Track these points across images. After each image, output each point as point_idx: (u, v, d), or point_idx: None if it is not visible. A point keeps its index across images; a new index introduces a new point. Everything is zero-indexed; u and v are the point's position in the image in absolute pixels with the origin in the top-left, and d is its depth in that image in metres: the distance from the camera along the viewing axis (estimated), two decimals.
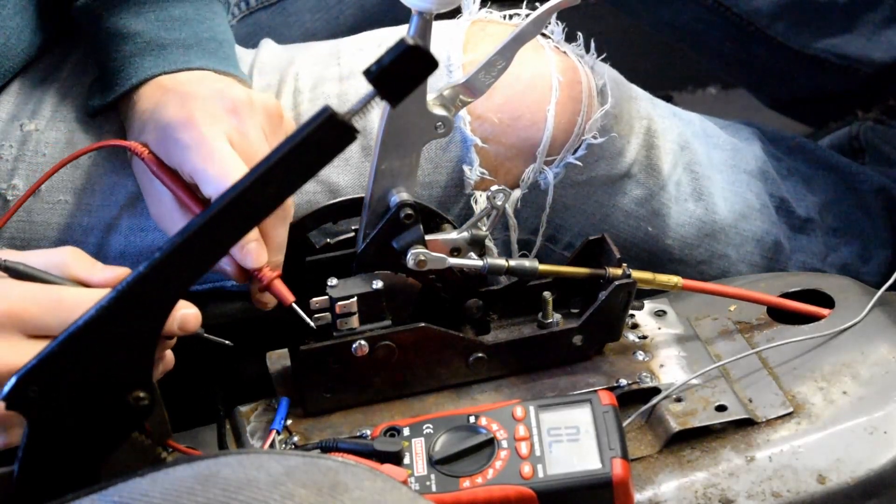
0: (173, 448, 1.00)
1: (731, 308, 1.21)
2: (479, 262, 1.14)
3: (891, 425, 1.09)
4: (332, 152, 0.88)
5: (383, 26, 1.36)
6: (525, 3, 1.30)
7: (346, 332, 1.13)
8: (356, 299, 1.13)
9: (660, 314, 1.21)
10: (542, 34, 1.31)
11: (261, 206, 0.89)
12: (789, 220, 1.47)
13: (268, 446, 1.10)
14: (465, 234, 1.16)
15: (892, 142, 1.67)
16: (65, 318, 0.94)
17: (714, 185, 1.39)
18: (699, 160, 1.39)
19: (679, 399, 1.12)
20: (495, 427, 1.06)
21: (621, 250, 1.16)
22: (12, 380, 0.90)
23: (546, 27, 1.30)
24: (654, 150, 1.34)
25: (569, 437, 1.05)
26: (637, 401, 1.13)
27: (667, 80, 2.14)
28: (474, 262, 1.15)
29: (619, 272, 1.14)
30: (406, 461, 1.05)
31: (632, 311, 1.20)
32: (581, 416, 1.06)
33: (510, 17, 1.33)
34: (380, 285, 1.13)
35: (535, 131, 1.28)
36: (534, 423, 1.06)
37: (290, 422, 1.13)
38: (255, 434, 1.13)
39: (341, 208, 1.19)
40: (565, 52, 1.32)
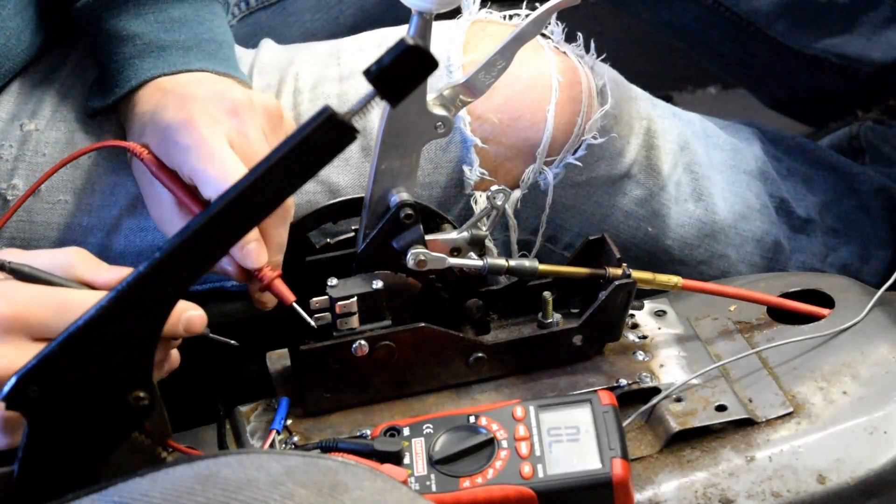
0: (173, 448, 1.00)
1: (731, 308, 1.21)
2: (479, 262, 1.14)
3: (891, 425, 1.09)
4: (332, 152, 0.88)
5: (383, 26, 1.36)
6: (525, 4, 1.30)
7: (346, 332, 1.13)
8: (356, 299, 1.13)
9: (660, 314, 1.21)
10: (542, 34, 1.31)
11: (261, 206, 0.89)
12: (789, 221, 1.47)
13: (268, 446, 1.10)
14: (465, 234, 1.16)
15: (892, 142, 1.67)
16: (70, 320, 0.94)
17: (714, 186, 1.39)
18: (699, 160, 1.39)
19: (679, 399, 1.12)
20: (495, 427, 1.06)
21: (621, 251, 1.16)
22: (12, 380, 0.90)
23: (546, 27, 1.30)
24: (654, 150, 1.34)
25: (569, 437, 1.05)
26: (637, 401, 1.13)
27: (667, 80, 2.14)
28: (474, 262, 1.14)
29: (619, 272, 1.14)
30: (406, 461, 1.05)
31: (632, 311, 1.20)
32: (581, 416, 1.06)
33: (510, 17, 1.33)
34: (380, 285, 1.13)
35: (535, 132, 1.27)
36: (534, 423, 1.06)
37: (290, 422, 1.13)
38: (255, 434, 1.13)
39: (341, 208, 1.19)
40: (565, 53, 1.32)
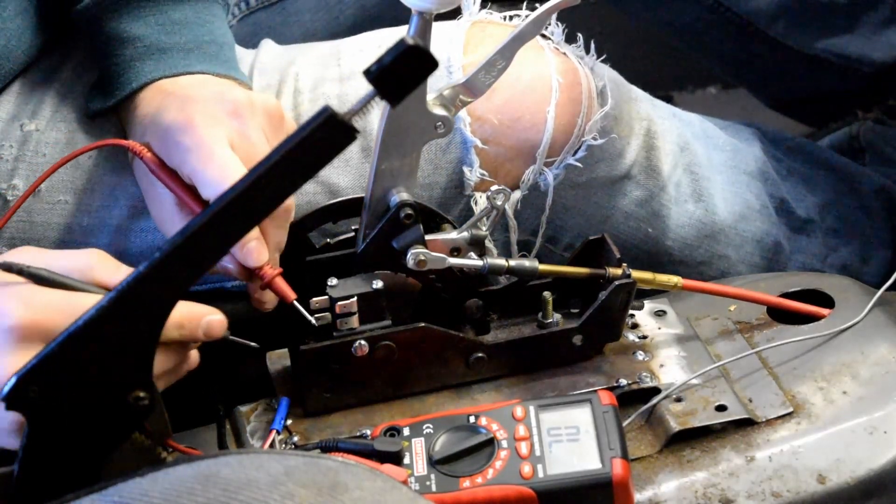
0: (173, 448, 1.00)
1: (731, 308, 1.21)
2: (479, 262, 1.14)
3: (891, 425, 1.09)
4: (332, 152, 0.88)
5: (383, 26, 1.36)
6: (525, 4, 1.30)
7: (346, 332, 1.13)
8: (356, 299, 1.13)
9: (660, 314, 1.21)
10: (543, 35, 1.31)
11: (261, 206, 0.89)
12: (789, 221, 1.47)
13: (268, 446, 1.10)
14: (465, 234, 1.16)
15: (892, 142, 1.67)
16: None
17: (714, 186, 1.39)
18: (699, 161, 1.39)
19: (679, 399, 1.12)
20: (495, 427, 1.06)
21: (621, 251, 1.16)
22: (12, 380, 0.90)
23: (546, 28, 1.30)
24: (654, 151, 1.34)
25: (569, 437, 1.05)
26: (637, 401, 1.13)
27: (667, 80, 2.14)
28: (474, 262, 1.14)
29: (619, 272, 1.14)
30: (406, 461, 1.05)
31: (632, 311, 1.20)
32: (581, 416, 1.06)
33: (510, 17, 1.33)
34: (380, 285, 1.13)
35: (535, 133, 1.27)
36: (534, 423, 1.06)
37: (290, 422, 1.13)
38: (255, 434, 1.13)
39: (341, 208, 1.19)
40: (565, 54, 1.32)
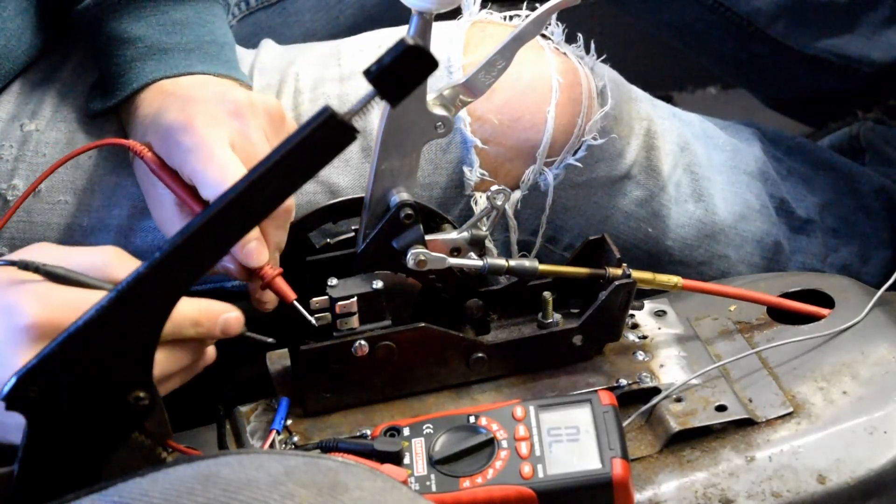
0: (173, 448, 1.00)
1: (731, 308, 1.21)
2: (479, 262, 1.14)
3: (891, 425, 1.09)
4: (332, 152, 0.88)
5: (383, 26, 1.36)
6: (525, 4, 1.30)
7: (346, 332, 1.13)
8: (356, 299, 1.13)
9: (660, 314, 1.21)
10: (543, 35, 1.31)
11: (261, 206, 0.89)
12: (789, 221, 1.47)
13: (268, 446, 1.10)
14: (465, 234, 1.16)
15: (893, 142, 1.67)
16: None
17: (714, 186, 1.39)
18: (699, 161, 1.39)
19: (679, 399, 1.12)
20: (495, 427, 1.06)
21: (621, 251, 1.16)
22: (12, 380, 0.90)
23: (546, 28, 1.30)
24: (654, 151, 1.34)
25: (569, 437, 1.05)
26: (637, 401, 1.13)
27: (667, 80, 2.14)
28: (474, 262, 1.14)
29: (619, 272, 1.14)
30: (406, 461, 1.05)
31: (632, 311, 1.20)
32: (581, 416, 1.06)
33: (510, 17, 1.33)
34: (380, 285, 1.13)
35: (535, 133, 1.27)
36: (534, 423, 1.06)
37: (290, 422, 1.13)
38: (255, 434, 1.13)
39: (341, 208, 1.19)
40: (565, 54, 1.32)
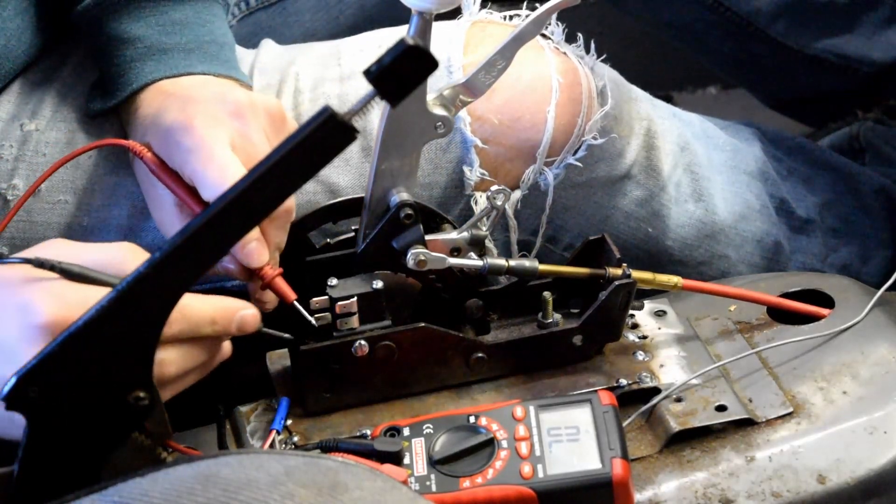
0: (173, 448, 1.00)
1: (731, 308, 1.21)
2: (479, 262, 1.14)
3: (891, 425, 1.09)
4: (332, 152, 0.88)
5: (383, 26, 1.36)
6: (525, 4, 1.30)
7: (346, 332, 1.13)
8: (356, 299, 1.13)
9: (660, 314, 1.21)
10: (543, 35, 1.31)
11: (261, 206, 0.89)
12: (789, 221, 1.47)
13: (268, 446, 1.10)
14: (465, 234, 1.16)
15: (892, 142, 1.67)
16: None
17: (714, 186, 1.39)
18: (699, 161, 1.39)
19: (679, 399, 1.12)
20: (495, 427, 1.06)
21: (621, 251, 1.16)
22: (12, 380, 0.90)
23: (546, 28, 1.30)
24: (654, 151, 1.34)
25: (569, 437, 1.05)
26: (637, 401, 1.13)
27: (667, 80, 2.14)
28: (474, 262, 1.14)
29: (619, 272, 1.14)
30: (406, 461, 1.05)
31: (632, 311, 1.20)
32: (581, 416, 1.06)
33: (510, 17, 1.33)
34: (380, 285, 1.13)
35: (535, 132, 1.27)
36: (534, 423, 1.06)
37: (290, 422, 1.13)
38: (255, 434, 1.13)
39: (341, 208, 1.19)
40: (565, 54, 1.32)
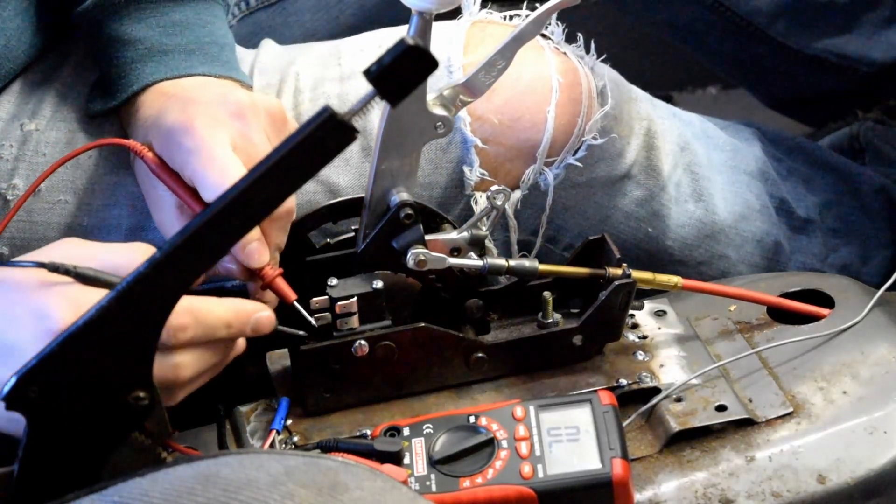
0: (173, 448, 1.00)
1: (731, 308, 1.21)
2: (479, 262, 1.14)
3: (891, 425, 1.09)
4: (332, 152, 0.88)
5: (383, 26, 1.36)
6: (525, 4, 1.30)
7: (346, 331, 1.13)
8: (356, 299, 1.13)
9: (660, 314, 1.21)
10: (543, 35, 1.31)
11: (261, 206, 0.89)
12: (789, 221, 1.47)
13: (268, 446, 1.10)
14: (465, 234, 1.16)
15: (892, 142, 1.67)
16: None
17: (714, 186, 1.39)
18: (699, 161, 1.39)
19: (679, 399, 1.12)
20: (495, 427, 1.06)
21: (621, 251, 1.16)
22: (12, 380, 0.90)
23: (546, 28, 1.30)
24: (654, 151, 1.34)
25: (569, 437, 1.05)
26: (637, 401, 1.13)
27: (667, 80, 2.14)
28: (474, 262, 1.14)
29: (619, 272, 1.14)
30: (406, 461, 1.05)
31: (632, 311, 1.20)
32: (581, 416, 1.06)
33: (510, 17, 1.33)
34: (380, 285, 1.13)
35: (535, 132, 1.27)
36: (534, 423, 1.06)
37: (290, 422, 1.13)
38: (255, 434, 1.13)
39: (341, 208, 1.19)
40: (565, 54, 1.32)
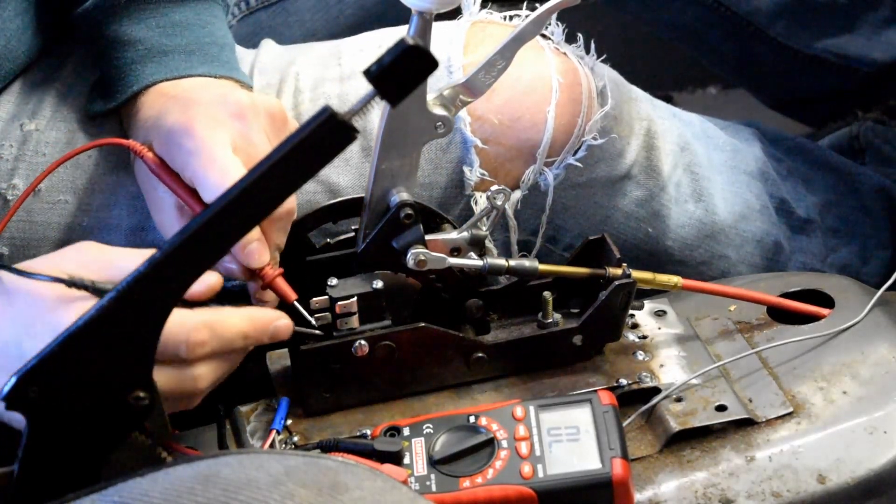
0: (173, 448, 1.00)
1: (731, 308, 1.21)
2: (479, 262, 1.14)
3: (891, 425, 1.09)
4: (332, 152, 0.88)
5: (383, 26, 1.36)
6: (525, 4, 1.30)
7: (346, 331, 1.13)
8: (356, 299, 1.13)
9: (660, 314, 1.21)
10: (543, 35, 1.31)
11: (261, 206, 0.89)
12: (789, 221, 1.47)
13: (268, 446, 1.10)
14: (465, 234, 1.16)
15: (892, 142, 1.67)
16: (162, 350, 0.93)
17: (714, 186, 1.39)
18: (699, 161, 1.39)
19: (679, 399, 1.12)
20: (495, 427, 1.06)
21: (621, 251, 1.16)
22: (12, 380, 0.90)
23: (546, 28, 1.30)
24: (654, 151, 1.34)
25: (569, 437, 1.05)
26: (637, 401, 1.13)
27: (667, 80, 2.14)
28: (474, 262, 1.14)
29: (619, 272, 1.14)
30: (406, 461, 1.05)
31: (632, 311, 1.20)
32: (581, 416, 1.06)
33: (510, 17, 1.33)
34: (380, 285, 1.13)
35: (535, 133, 1.27)
36: (534, 423, 1.06)
37: (290, 422, 1.13)
38: (255, 434, 1.13)
39: (341, 208, 1.19)
40: (565, 54, 1.32)
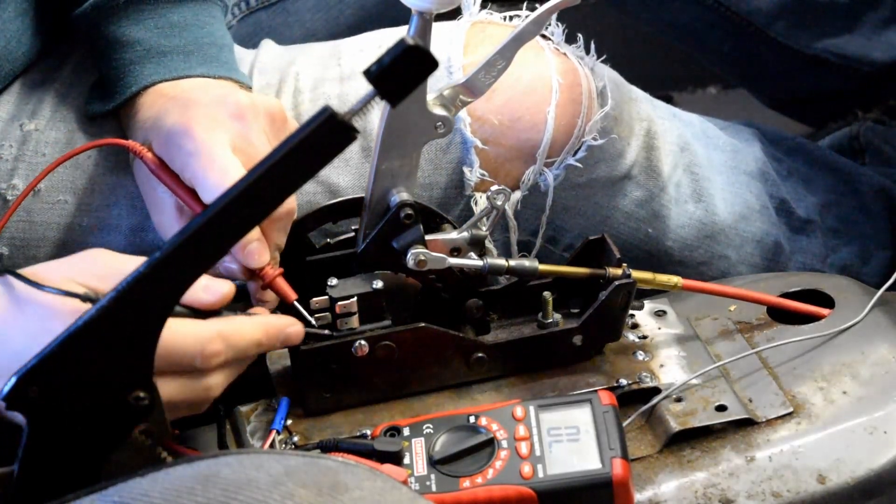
0: (173, 448, 1.00)
1: (731, 308, 1.21)
2: (479, 262, 1.14)
3: (891, 425, 1.09)
4: (332, 152, 0.88)
5: (383, 26, 1.36)
6: (525, 4, 1.30)
7: (346, 331, 1.13)
8: (356, 299, 1.13)
9: (660, 314, 1.21)
10: (543, 35, 1.31)
11: (261, 206, 0.89)
12: (789, 221, 1.47)
13: (268, 446, 1.10)
14: (465, 234, 1.16)
15: (892, 142, 1.67)
16: (177, 361, 0.94)
17: (714, 187, 1.39)
18: (699, 161, 1.39)
19: (679, 399, 1.12)
20: (495, 427, 1.06)
21: (621, 251, 1.16)
22: (12, 380, 0.90)
23: (546, 28, 1.30)
24: (654, 151, 1.34)
25: (569, 437, 1.05)
26: (637, 401, 1.13)
27: (667, 80, 2.14)
28: (474, 262, 1.14)
29: (619, 272, 1.14)
30: (406, 461, 1.05)
31: (632, 311, 1.20)
32: (581, 416, 1.06)
33: (510, 18, 1.33)
34: (380, 285, 1.13)
35: (535, 133, 1.27)
36: (534, 423, 1.06)
37: (290, 422, 1.13)
38: (255, 434, 1.13)
39: (341, 208, 1.19)
40: (565, 54, 1.32)
